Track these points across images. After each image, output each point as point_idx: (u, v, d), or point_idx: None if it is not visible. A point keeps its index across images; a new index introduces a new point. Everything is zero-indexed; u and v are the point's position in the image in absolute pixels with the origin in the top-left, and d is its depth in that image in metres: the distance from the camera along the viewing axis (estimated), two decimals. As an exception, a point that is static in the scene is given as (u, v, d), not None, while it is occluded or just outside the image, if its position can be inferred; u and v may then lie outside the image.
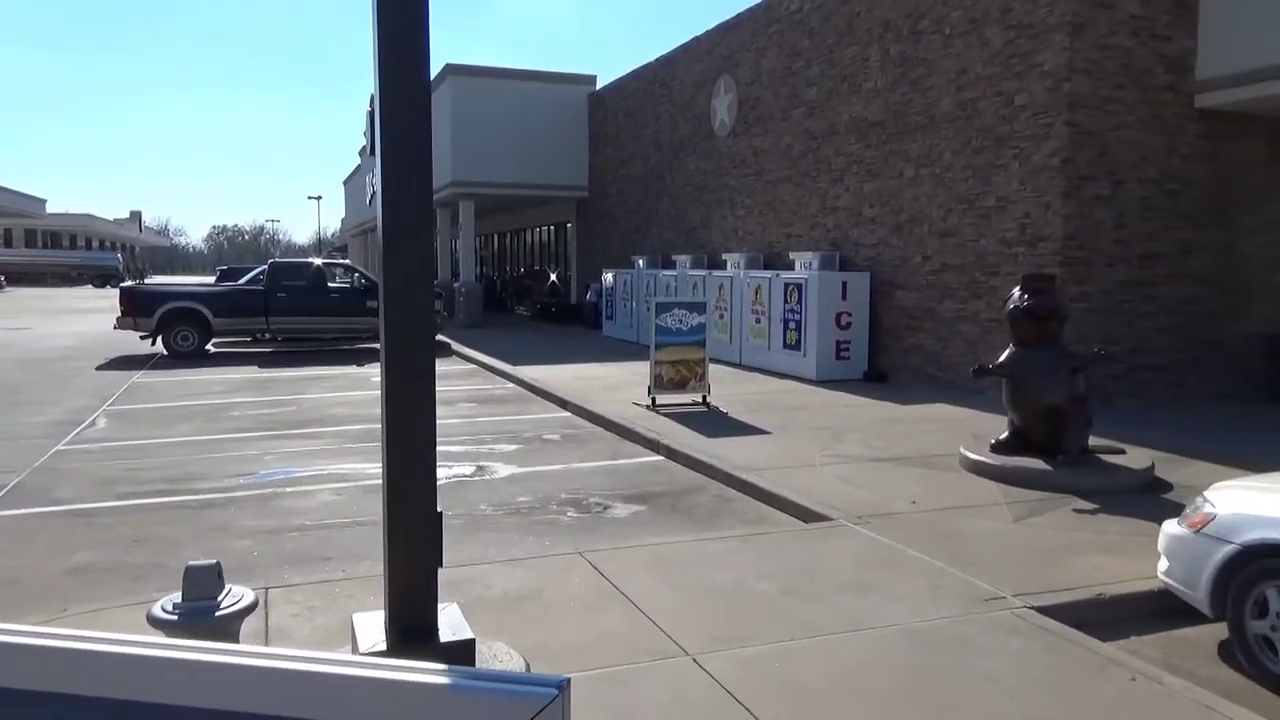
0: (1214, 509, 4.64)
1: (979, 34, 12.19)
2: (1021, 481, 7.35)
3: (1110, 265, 11.27)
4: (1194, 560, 4.63)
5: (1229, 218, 11.90)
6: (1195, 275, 11.77)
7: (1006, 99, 11.78)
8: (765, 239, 17.51)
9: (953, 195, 12.68)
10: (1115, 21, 11.09)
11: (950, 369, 12.55)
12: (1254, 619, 4.35)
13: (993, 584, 5.15)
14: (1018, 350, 7.80)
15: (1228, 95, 11.28)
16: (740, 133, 18.38)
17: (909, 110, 13.50)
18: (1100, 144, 11.11)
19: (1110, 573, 5.39)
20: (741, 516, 7.01)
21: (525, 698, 0.90)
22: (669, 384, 11.12)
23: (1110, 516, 6.54)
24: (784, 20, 16.69)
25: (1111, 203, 11.22)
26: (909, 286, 13.56)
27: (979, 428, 9.44)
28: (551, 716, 0.90)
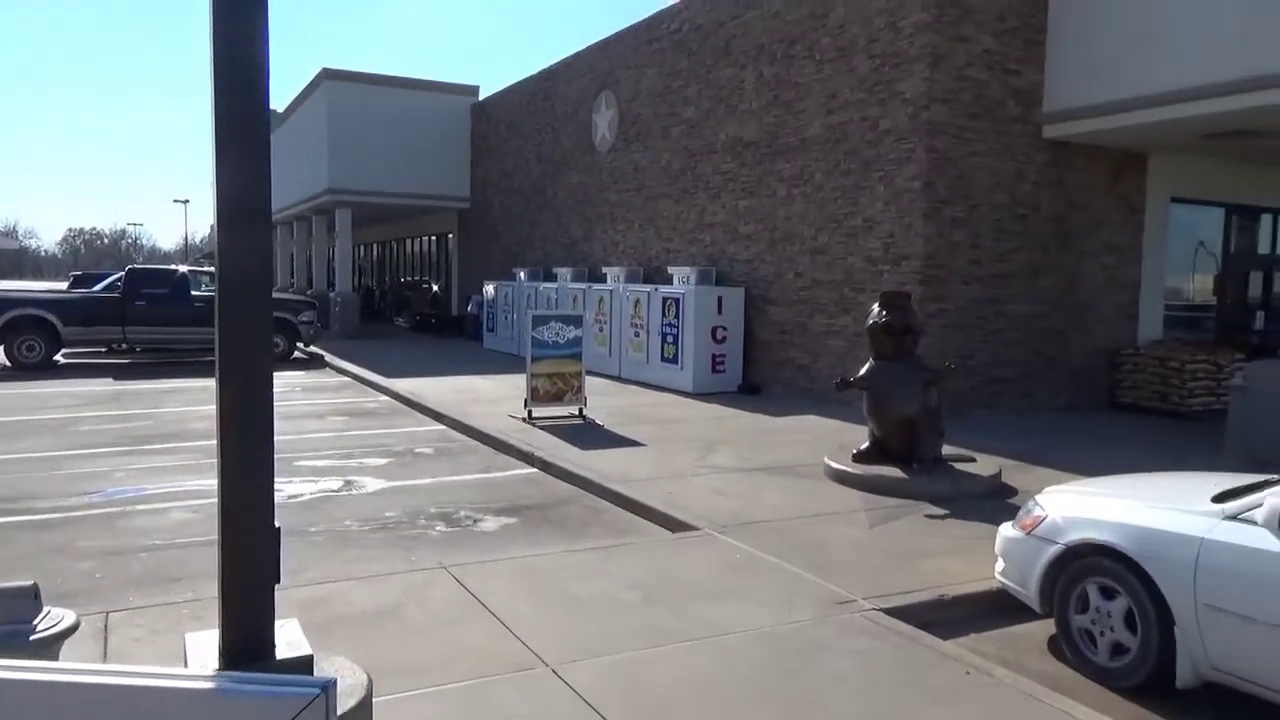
0: (1044, 512, 4.96)
1: (847, 61, 12.71)
2: (880, 489, 7.68)
3: (966, 283, 11.90)
4: (1026, 560, 4.94)
5: (1073, 241, 12.75)
6: (1042, 294, 12.55)
7: (872, 124, 12.31)
8: (645, 253, 17.73)
9: (823, 214, 13.15)
10: (971, 55, 11.75)
11: (820, 381, 12.98)
12: (1077, 614, 4.67)
13: (847, 588, 5.36)
14: (876, 364, 8.16)
15: (1072, 127, 12.10)
16: (621, 148, 18.58)
17: (782, 132, 13.94)
18: (957, 169, 11.74)
19: (955, 575, 5.69)
20: (611, 527, 7.06)
21: (288, 697, 0.91)
22: (546, 396, 11.11)
23: (958, 521, 6.90)
24: (664, 39, 16.99)
25: (967, 225, 11.86)
26: (782, 302, 13.97)
27: (845, 438, 9.80)
28: (315, 714, 0.91)
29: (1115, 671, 4.48)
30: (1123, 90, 11.28)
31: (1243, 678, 4.04)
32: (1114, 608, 4.49)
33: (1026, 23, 12.08)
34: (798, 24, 13.59)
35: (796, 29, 13.62)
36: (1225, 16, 10.24)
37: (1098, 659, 4.57)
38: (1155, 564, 4.28)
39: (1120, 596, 4.46)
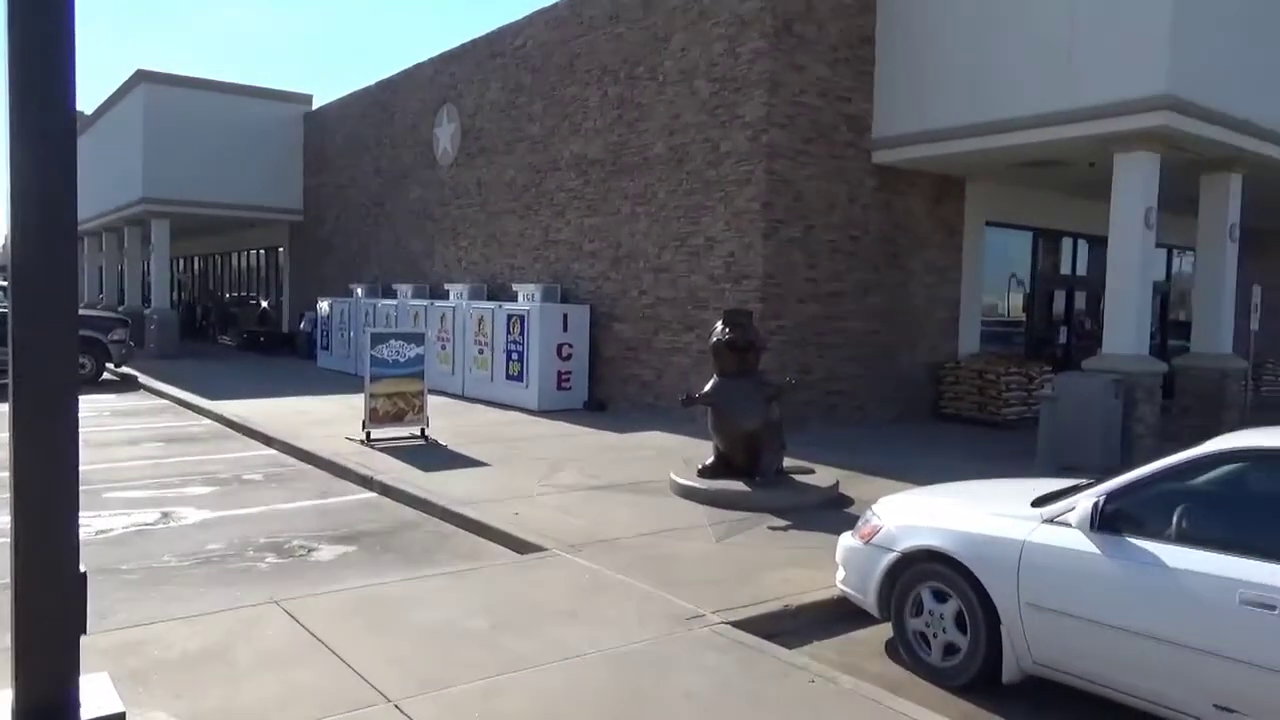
0: (880, 522, 5.15)
1: (689, 84, 12.99)
2: (724, 503, 7.80)
3: (803, 301, 12.35)
4: (865, 568, 5.11)
5: (900, 261, 13.47)
6: (874, 311, 13.19)
7: (713, 146, 12.61)
8: (489, 270, 17.48)
9: (667, 233, 13.35)
10: (806, 82, 12.25)
11: (665, 397, 13.13)
12: (912, 617, 4.86)
13: (695, 603, 5.38)
14: (720, 380, 8.30)
15: (897, 154, 12.81)
16: (464, 163, 18.27)
17: (626, 151, 14.08)
18: (794, 191, 12.19)
19: (798, 585, 5.82)
20: (457, 552, 6.84)
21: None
22: (386, 417, 10.71)
23: (800, 532, 7.09)
24: (507, 55, 16.86)
25: (804, 245, 12.32)
26: (627, 319, 14.07)
27: (690, 453, 9.92)
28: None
29: (948, 671, 4.68)
30: (943, 120, 12.05)
31: (1061, 670, 4.31)
32: (946, 610, 4.70)
33: (856, 53, 12.72)
34: (640, 46, 13.79)
35: (639, 51, 13.81)
36: (1037, 55, 11.11)
37: (931, 660, 4.77)
38: (982, 567, 4.51)
39: (952, 599, 4.67)
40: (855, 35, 12.69)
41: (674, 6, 13.20)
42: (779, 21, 11.87)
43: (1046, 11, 11.00)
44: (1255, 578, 3.66)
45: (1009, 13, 11.40)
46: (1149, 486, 4.23)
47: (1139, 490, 4.23)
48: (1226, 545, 3.86)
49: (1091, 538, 4.19)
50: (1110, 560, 4.09)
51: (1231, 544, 3.86)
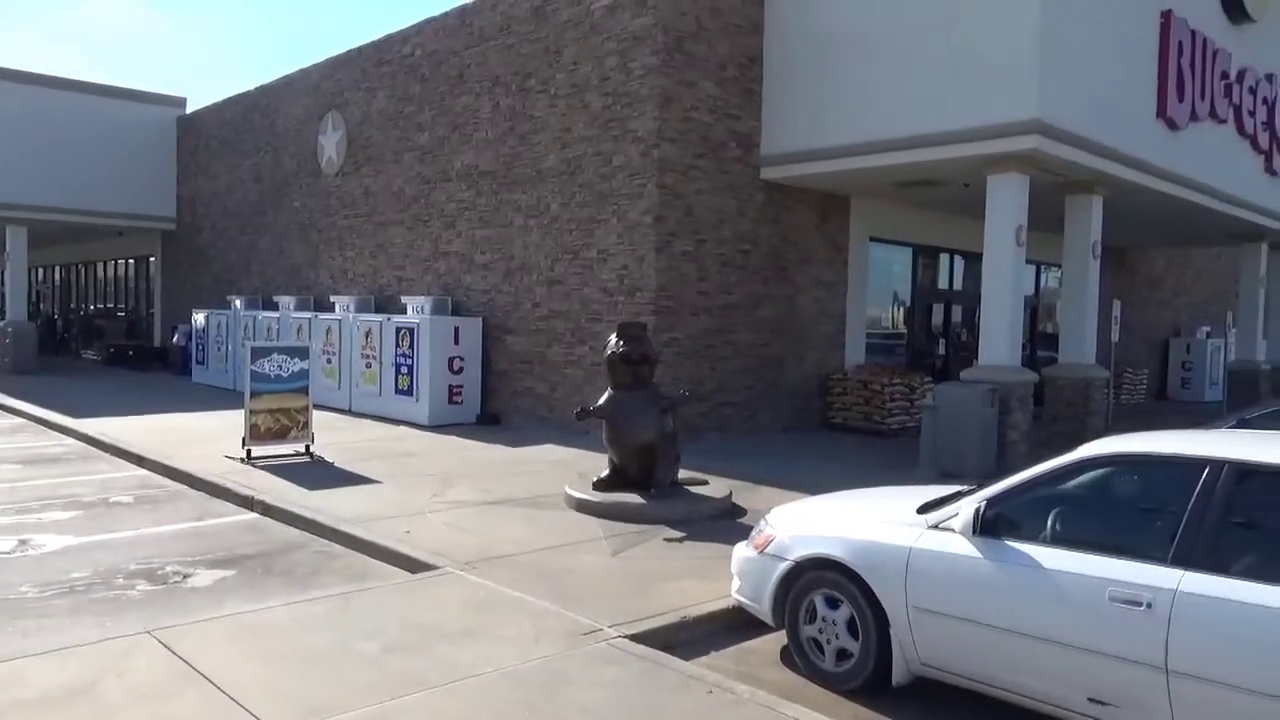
0: (774, 531, 5.24)
1: (581, 98, 13.00)
2: (620, 516, 7.79)
3: (695, 314, 12.49)
4: (759, 577, 5.18)
5: (789, 274, 13.80)
6: (764, 324, 13.45)
7: (605, 159, 12.65)
8: (377, 282, 17.05)
9: (560, 245, 13.31)
10: (697, 99, 12.43)
11: (559, 410, 13.05)
12: (806, 624, 4.95)
13: (592, 617, 5.34)
14: (615, 393, 8.31)
15: (784, 170, 13.13)
16: (350, 172, 17.80)
17: (518, 163, 13.98)
18: (685, 205, 12.33)
19: (695, 596, 5.85)
20: (345, 573, 6.61)
21: None
22: (268, 434, 10.28)
23: (695, 543, 7.15)
24: (395, 63, 16.53)
25: (695, 258, 12.48)
26: (520, 331, 13.94)
27: (585, 466, 9.88)
28: None
29: (840, 675, 4.78)
30: (826, 139, 12.42)
31: (947, 670, 4.46)
32: (838, 616, 4.80)
33: (744, 72, 12.99)
34: (532, 58, 13.73)
35: (531, 63, 13.75)
36: (915, 79, 11.57)
37: (825, 665, 4.86)
38: (872, 573, 4.63)
39: (844, 605, 4.78)
40: (743, 54, 12.97)
41: (565, 20, 13.21)
42: (670, 39, 12.03)
43: (924, 38, 11.49)
44: (1123, 576, 3.87)
45: (888, 38, 11.85)
46: (1025, 492, 4.43)
47: (1016, 495, 4.43)
48: (1097, 546, 4.07)
49: (973, 542, 4.35)
50: (991, 563, 4.26)
51: (1101, 544, 4.08)
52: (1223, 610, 3.60)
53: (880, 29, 11.95)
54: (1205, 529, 3.80)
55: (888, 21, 11.87)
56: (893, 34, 11.82)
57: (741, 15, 12.92)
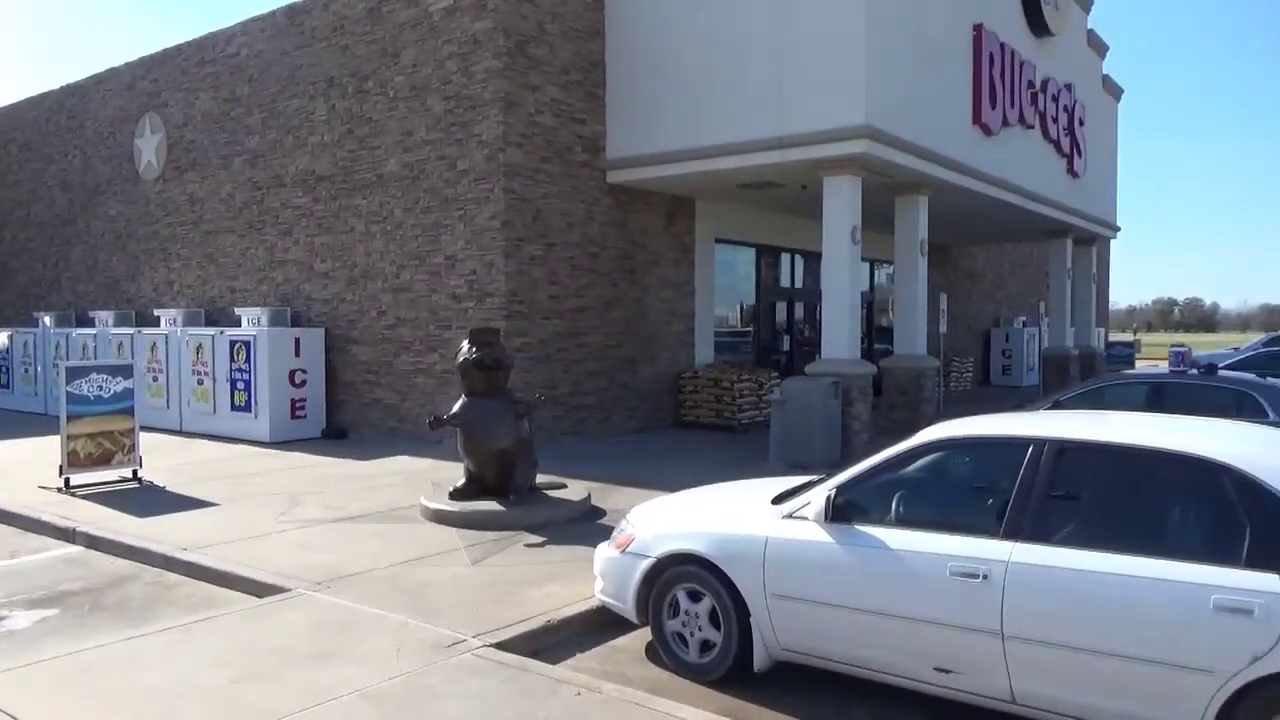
0: (635, 530, 5.28)
1: (422, 100, 12.72)
2: (479, 524, 7.66)
3: (547, 318, 12.45)
4: (622, 576, 5.21)
5: (638, 277, 13.96)
6: (615, 326, 13.56)
7: (450, 163, 12.43)
8: (207, 294, 16.12)
9: (405, 252, 12.98)
10: (541, 103, 12.39)
11: (410, 421, 12.72)
12: (669, 619, 5.01)
13: (454, 629, 5.23)
14: (469, 400, 8.17)
15: (630, 174, 13.28)
16: (172, 178, 16.75)
17: (358, 167, 13.54)
18: (534, 209, 12.28)
19: (559, 599, 5.83)
20: (185, 604, 6.20)
21: None
22: (89, 460, 9.53)
23: (556, 547, 7.12)
24: (219, 63, 15.67)
25: (545, 262, 12.44)
26: (366, 341, 13.50)
27: (440, 476, 9.67)
28: None
29: (704, 666, 4.87)
30: (670, 143, 12.66)
31: (805, 652, 4.62)
32: (700, 609, 4.89)
33: (588, 76, 13.06)
34: (369, 60, 13.33)
35: (368, 65, 13.35)
36: (753, 85, 11.96)
37: (689, 658, 4.94)
38: (731, 565, 4.75)
39: (706, 598, 4.87)
40: (586, 59, 13.04)
41: (402, 22, 12.90)
42: (512, 42, 11.95)
43: (759, 47, 11.89)
44: (962, 551, 4.12)
45: (725, 45, 12.20)
46: (871, 478, 4.64)
47: (863, 482, 4.64)
48: (938, 525, 4.32)
49: (825, 528, 4.53)
50: (842, 547, 4.45)
51: (942, 523, 4.33)
52: (1048, 576, 3.89)
53: (718, 37, 12.28)
54: (1031, 503, 4.10)
55: (724, 31, 12.21)
56: (730, 43, 12.17)
57: (582, 20, 12.98)
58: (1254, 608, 3.45)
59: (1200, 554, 3.70)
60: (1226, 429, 4.53)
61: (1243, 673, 3.45)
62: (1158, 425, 4.48)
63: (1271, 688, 3.42)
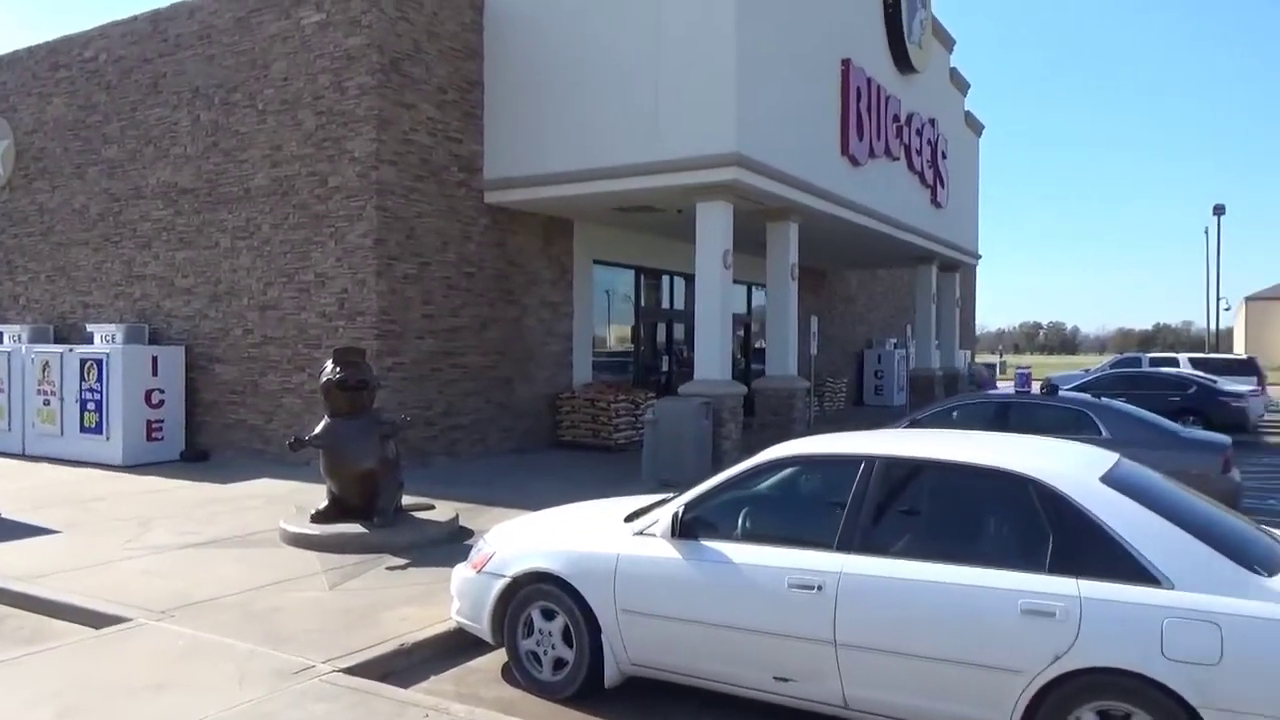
0: (492, 549, 5.29)
1: (292, 114, 12.44)
2: (340, 548, 7.50)
3: (421, 338, 12.30)
4: (479, 596, 5.21)
5: (515, 296, 13.95)
6: (491, 345, 13.50)
7: (321, 180, 12.18)
8: (57, 309, 15.26)
9: (273, 268, 12.62)
10: (416, 121, 12.29)
11: (276, 442, 12.33)
12: (524, 638, 5.04)
13: (304, 655, 5.11)
14: (332, 421, 8.00)
15: (507, 195, 13.30)
16: (20, 186, 15.83)
17: (224, 180, 13.11)
18: (407, 228, 12.14)
19: (415, 622, 5.76)
20: (13, 637, 5.85)
21: None
22: (-85, 486, 8.88)
23: (419, 569, 7.03)
24: (74, 67, 14.94)
25: (419, 281, 12.30)
26: (229, 360, 13.04)
27: (303, 499, 9.41)
28: None
29: (557, 684, 4.91)
30: (547, 165, 12.75)
31: (654, 667, 4.72)
32: (554, 627, 4.94)
33: (465, 96, 13.04)
34: (237, 71, 12.97)
35: (236, 76, 12.98)
36: (629, 111, 12.18)
37: (543, 676, 4.97)
38: (584, 582, 4.81)
39: (559, 616, 4.92)
40: (463, 79, 13.02)
41: (273, 34, 12.61)
42: (386, 59, 11.83)
43: (635, 73, 12.13)
44: (800, 564, 4.30)
45: (602, 70, 12.40)
46: (718, 494, 4.79)
47: (710, 499, 4.78)
48: (779, 539, 4.50)
49: (673, 544, 4.65)
50: (688, 563, 4.58)
51: (783, 537, 4.51)
52: (877, 586, 4.10)
53: (596, 63, 12.47)
54: (863, 517, 4.32)
55: (602, 57, 12.41)
56: (607, 68, 12.38)
57: (460, 40, 12.97)
58: (1055, 610, 3.72)
59: (1011, 562, 3.97)
60: (1039, 445, 4.86)
61: (1046, 671, 3.72)
62: (977, 442, 4.79)
63: (1071, 683, 3.70)
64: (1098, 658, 3.63)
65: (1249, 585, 3.56)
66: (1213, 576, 3.61)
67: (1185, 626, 3.52)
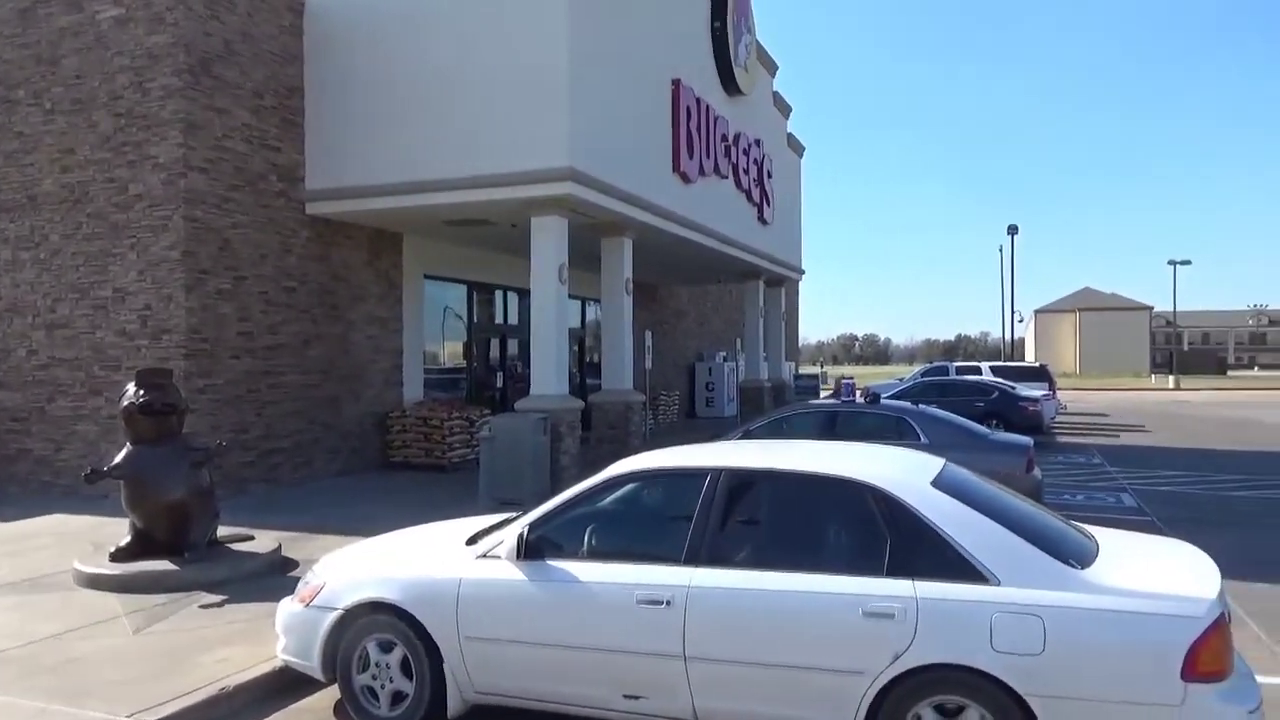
0: (322, 580, 4.94)
1: (86, 115, 11.41)
2: (146, 587, 6.85)
3: (236, 357, 11.52)
4: (307, 632, 4.85)
5: (340, 312, 13.32)
6: (315, 364, 12.82)
7: (121, 187, 11.22)
8: None
9: (63, 283, 11.50)
10: (229, 127, 11.54)
11: (68, 474, 11.19)
12: (359, 673, 4.73)
13: (107, 710, 4.60)
14: (135, 448, 7.32)
15: (331, 206, 12.70)
16: None
17: (4, 186, 11.86)
18: (221, 240, 11.36)
19: (236, 663, 5.32)
20: None
21: None
22: None
23: (239, 605, 6.52)
24: None
25: (234, 297, 11.53)
26: (10, 385, 11.76)
27: (102, 535, 8.57)
28: None
29: (396, 719, 4.63)
30: (375, 177, 12.28)
31: (500, 693, 4.53)
32: (392, 659, 4.66)
33: (283, 103, 12.37)
34: (20, 66, 11.78)
35: (19, 71, 11.79)
36: (462, 123, 11.90)
37: (380, 711, 4.68)
38: (424, 610, 4.57)
39: (397, 647, 4.64)
40: (282, 84, 12.35)
41: (62, 27, 11.54)
42: (194, 60, 11.05)
43: (467, 85, 11.88)
44: (648, 580, 4.24)
45: (433, 80, 12.07)
46: (563, 513, 4.67)
47: (555, 517, 4.66)
48: (627, 555, 4.43)
49: (519, 566, 4.49)
50: (534, 584, 4.43)
51: (631, 553, 4.45)
52: (725, 598, 4.10)
53: (426, 72, 12.13)
54: (709, 529, 4.31)
55: (433, 66, 12.09)
56: (438, 78, 12.06)
57: (277, 43, 12.31)
58: (894, 611, 3.83)
59: (852, 567, 4.06)
60: (873, 452, 5.03)
61: (887, 670, 3.82)
62: (816, 452, 4.91)
63: (910, 681, 3.81)
64: (934, 654, 3.76)
65: (1067, 579, 3.79)
66: (1035, 572, 3.82)
67: (1012, 620, 3.70)
